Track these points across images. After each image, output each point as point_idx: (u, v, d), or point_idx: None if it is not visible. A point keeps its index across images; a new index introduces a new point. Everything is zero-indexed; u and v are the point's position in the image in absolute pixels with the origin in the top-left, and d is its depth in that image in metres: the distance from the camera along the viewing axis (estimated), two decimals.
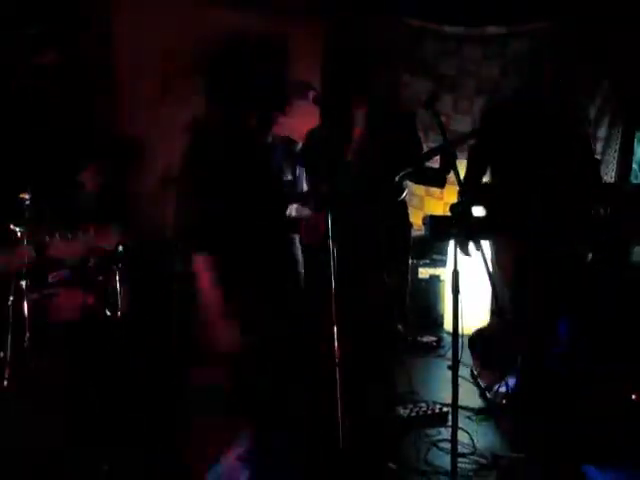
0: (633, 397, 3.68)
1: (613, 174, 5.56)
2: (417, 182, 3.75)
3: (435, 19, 5.49)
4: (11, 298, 3.31)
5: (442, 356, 4.69)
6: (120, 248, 3.66)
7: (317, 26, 5.17)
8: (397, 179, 3.36)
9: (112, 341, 3.49)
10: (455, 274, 2.24)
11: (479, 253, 2.33)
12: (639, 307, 3.76)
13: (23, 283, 3.31)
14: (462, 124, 4.86)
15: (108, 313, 3.54)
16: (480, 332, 3.71)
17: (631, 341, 3.70)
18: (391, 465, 2.86)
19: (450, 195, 5.51)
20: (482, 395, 3.61)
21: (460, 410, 2.60)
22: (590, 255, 3.13)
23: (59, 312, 3.50)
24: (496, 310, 3.24)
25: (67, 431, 2.99)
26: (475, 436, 3.20)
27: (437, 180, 3.52)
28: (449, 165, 3.17)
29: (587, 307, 3.09)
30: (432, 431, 3.32)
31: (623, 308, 3.75)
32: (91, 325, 3.50)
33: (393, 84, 3.44)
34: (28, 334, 3.29)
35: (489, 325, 3.57)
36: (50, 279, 3.62)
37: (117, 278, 3.56)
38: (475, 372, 3.70)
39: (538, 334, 3.16)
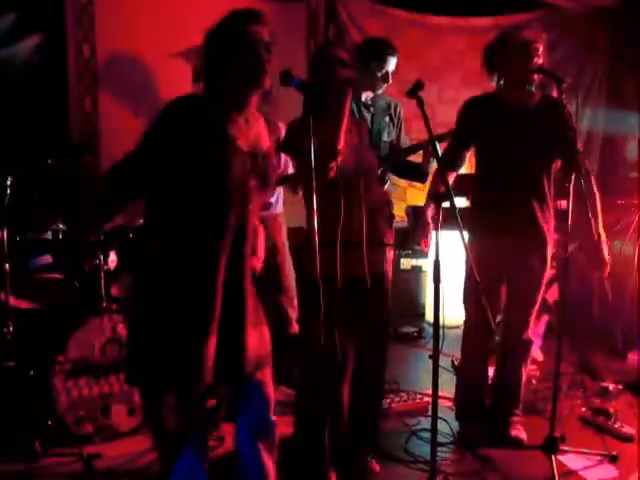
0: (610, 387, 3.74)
1: (595, 168, 5.59)
2: (398, 176, 3.71)
3: (420, 9, 5.49)
4: None
5: (423, 346, 4.72)
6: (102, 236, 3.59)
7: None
8: (379, 171, 3.33)
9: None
10: (436, 264, 2.23)
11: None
12: None
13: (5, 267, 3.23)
14: (446, 115, 4.85)
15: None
16: None
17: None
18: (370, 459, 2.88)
19: None
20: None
21: (440, 400, 2.61)
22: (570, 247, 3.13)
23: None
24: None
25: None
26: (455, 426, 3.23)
27: (418, 175, 3.46)
28: (432, 158, 3.14)
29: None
30: (412, 420, 3.34)
31: None
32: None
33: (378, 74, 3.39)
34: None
35: None
36: (32, 264, 3.55)
37: (102, 264, 3.47)
38: (455, 362, 3.72)
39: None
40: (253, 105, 2.15)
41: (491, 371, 3.32)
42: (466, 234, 2.95)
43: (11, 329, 3.13)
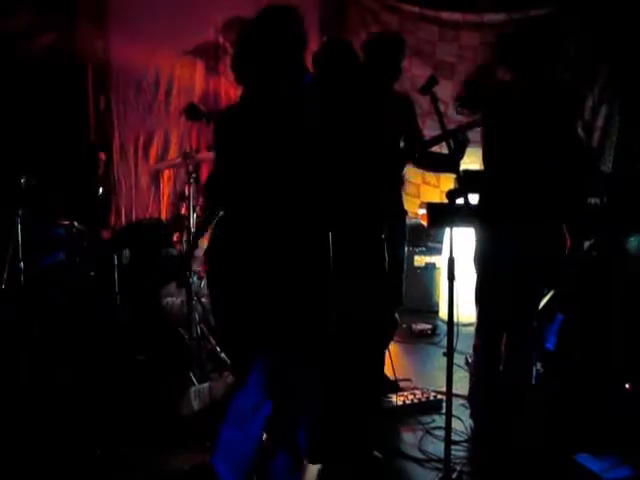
0: (626, 386, 3.70)
1: (610, 165, 5.54)
2: (425, 168, 3.69)
3: (433, 5, 5.46)
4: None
5: (437, 344, 4.69)
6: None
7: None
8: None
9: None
10: (450, 261, 2.23)
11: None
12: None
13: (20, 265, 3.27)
14: None
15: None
16: None
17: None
18: (377, 454, 2.86)
19: (446, 183, 5.49)
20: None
21: (454, 397, 2.60)
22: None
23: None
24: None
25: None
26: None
27: (450, 164, 3.42)
28: (460, 150, 3.12)
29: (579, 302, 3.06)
30: (426, 418, 3.32)
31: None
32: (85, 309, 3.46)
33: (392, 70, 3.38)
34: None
35: None
36: (46, 262, 3.59)
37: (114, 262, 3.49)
38: (469, 360, 3.70)
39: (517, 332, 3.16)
40: None
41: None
42: (478, 230, 2.96)
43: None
